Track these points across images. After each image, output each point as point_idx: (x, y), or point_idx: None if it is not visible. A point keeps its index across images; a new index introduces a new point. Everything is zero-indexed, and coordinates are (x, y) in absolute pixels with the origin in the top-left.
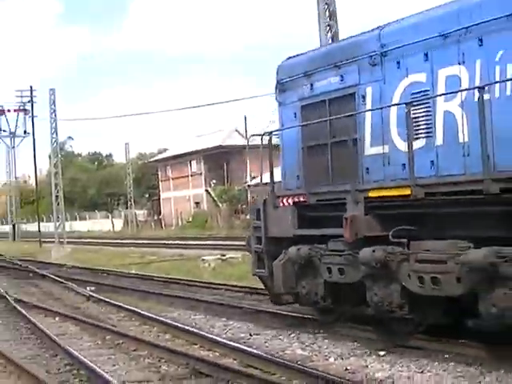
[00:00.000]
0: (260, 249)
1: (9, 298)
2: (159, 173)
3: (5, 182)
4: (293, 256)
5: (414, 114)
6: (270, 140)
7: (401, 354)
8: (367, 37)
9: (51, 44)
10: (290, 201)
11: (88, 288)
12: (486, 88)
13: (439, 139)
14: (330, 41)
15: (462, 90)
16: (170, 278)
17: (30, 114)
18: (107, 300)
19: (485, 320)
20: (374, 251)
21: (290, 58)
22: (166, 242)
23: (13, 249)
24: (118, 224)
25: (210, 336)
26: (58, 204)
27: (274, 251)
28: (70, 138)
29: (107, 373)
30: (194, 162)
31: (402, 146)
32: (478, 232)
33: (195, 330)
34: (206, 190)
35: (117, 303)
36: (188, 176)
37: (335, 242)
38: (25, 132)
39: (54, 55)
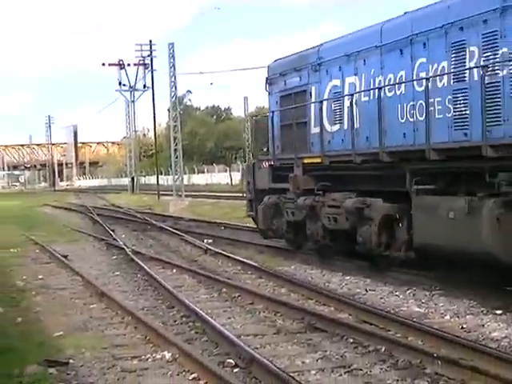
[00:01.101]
0: (250, 197)
1: (127, 250)
2: None
3: (124, 136)
4: (267, 203)
5: (333, 107)
6: (253, 121)
7: None
8: (313, 51)
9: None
10: (268, 164)
11: (205, 241)
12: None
13: (345, 125)
14: None
15: (355, 93)
16: None
17: (150, 68)
18: (224, 253)
19: (359, 247)
20: (305, 199)
21: (276, 60)
22: None
23: (131, 201)
24: (237, 177)
25: (326, 291)
26: (177, 157)
27: (259, 199)
28: (188, 91)
29: (223, 325)
30: None
31: (329, 128)
32: (361, 187)
33: (311, 285)
34: None
35: (233, 256)
36: None
37: (290, 193)
38: (144, 86)
39: (174, 9)
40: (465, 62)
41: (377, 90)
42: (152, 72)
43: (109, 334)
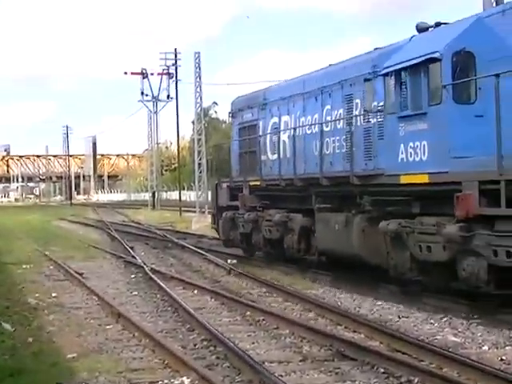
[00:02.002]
0: (214, 212)
1: (146, 269)
2: None
3: (146, 148)
4: (226, 217)
5: (273, 140)
6: (215, 149)
7: None
8: (261, 92)
9: (198, 8)
10: (226, 185)
11: (229, 261)
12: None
13: (281, 155)
14: (494, 4)
15: (282, 130)
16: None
17: (174, 78)
18: (248, 274)
19: (286, 253)
20: (249, 215)
21: (237, 97)
22: None
23: (152, 217)
24: None
25: (356, 316)
26: (201, 172)
27: (221, 214)
28: (214, 103)
29: (246, 351)
30: None
31: (270, 157)
32: (289, 205)
33: (340, 310)
34: None
35: (258, 278)
36: None
37: (241, 209)
38: (168, 96)
39: (200, 19)
40: (352, 111)
41: (292, 130)
42: (176, 82)
43: (125, 356)
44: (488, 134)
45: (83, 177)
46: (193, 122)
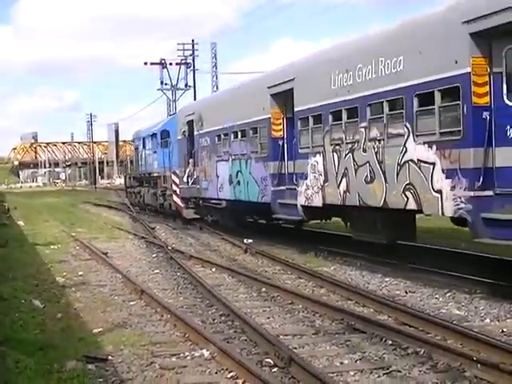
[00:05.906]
0: (125, 189)
1: (166, 249)
2: None
3: None
4: (129, 191)
5: (144, 155)
6: (126, 161)
7: None
8: (141, 130)
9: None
10: (128, 176)
11: (245, 240)
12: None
13: (141, 162)
14: None
15: (144, 151)
16: (323, 232)
17: (192, 68)
18: (264, 253)
19: (146, 206)
20: (133, 190)
21: (136, 131)
22: None
23: None
24: None
25: (366, 292)
26: None
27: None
28: None
29: (262, 325)
30: None
31: (141, 163)
32: (145, 185)
33: (351, 286)
34: None
35: (273, 256)
36: None
37: (133, 188)
38: (186, 85)
39: (218, 9)
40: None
41: (145, 151)
42: (194, 71)
43: (148, 331)
44: (169, 159)
45: (106, 162)
46: None
